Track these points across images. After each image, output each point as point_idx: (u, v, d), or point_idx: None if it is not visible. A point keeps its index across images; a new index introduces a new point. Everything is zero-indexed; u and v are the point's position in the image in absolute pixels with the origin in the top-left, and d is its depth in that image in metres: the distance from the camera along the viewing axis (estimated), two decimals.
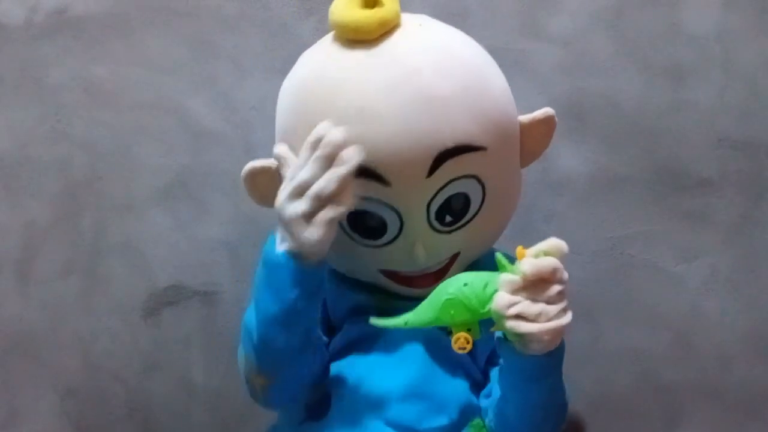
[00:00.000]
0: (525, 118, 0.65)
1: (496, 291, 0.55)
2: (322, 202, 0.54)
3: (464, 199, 0.62)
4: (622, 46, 0.86)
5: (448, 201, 0.61)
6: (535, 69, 0.86)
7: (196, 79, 0.89)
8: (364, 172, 0.57)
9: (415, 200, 0.60)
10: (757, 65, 0.85)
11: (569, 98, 0.86)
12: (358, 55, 0.59)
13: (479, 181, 0.61)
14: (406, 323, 0.57)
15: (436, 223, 0.62)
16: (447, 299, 0.55)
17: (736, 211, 0.86)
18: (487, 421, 0.66)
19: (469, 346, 0.56)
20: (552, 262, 0.54)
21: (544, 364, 0.58)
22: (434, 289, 0.58)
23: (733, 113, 0.86)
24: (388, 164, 0.57)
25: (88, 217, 0.90)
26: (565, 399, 0.66)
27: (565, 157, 0.86)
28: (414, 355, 0.66)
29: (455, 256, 0.65)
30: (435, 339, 0.66)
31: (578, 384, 0.88)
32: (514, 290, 0.53)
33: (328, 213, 0.54)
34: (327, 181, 0.54)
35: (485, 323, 0.56)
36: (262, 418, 0.74)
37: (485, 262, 0.72)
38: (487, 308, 0.55)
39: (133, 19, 0.89)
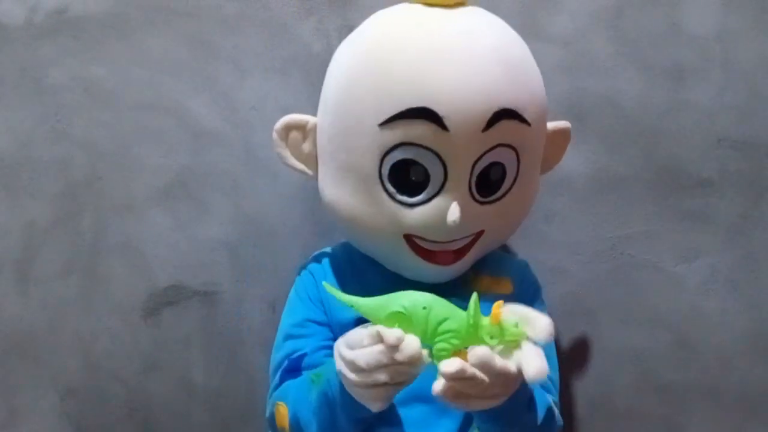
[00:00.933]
0: (550, 124, 0.70)
1: (449, 331, 0.53)
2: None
3: (501, 172, 0.64)
4: (622, 46, 0.86)
5: (488, 169, 0.63)
6: None
7: (196, 79, 0.89)
8: (426, 113, 0.59)
9: (465, 153, 0.61)
10: (757, 65, 0.85)
11: (569, 98, 0.86)
12: (437, 13, 0.64)
13: (518, 156, 0.64)
14: (352, 305, 0.57)
15: (474, 190, 0.63)
16: (398, 311, 0.54)
17: (736, 211, 0.86)
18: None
19: None
20: (470, 371, 0.51)
21: (493, 415, 0.57)
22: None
23: (733, 113, 0.86)
24: (452, 109, 0.59)
25: (88, 217, 0.90)
26: (541, 424, 0.64)
27: (565, 157, 0.86)
28: None
29: (479, 234, 0.66)
30: None
31: (578, 384, 0.88)
32: (454, 378, 0.52)
33: (389, 391, 0.55)
34: (396, 373, 0.53)
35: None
36: (262, 418, 0.74)
37: (491, 261, 0.73)
38: (432, 341, 0.53)
39: (133, 19, 0.89)
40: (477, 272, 0.72)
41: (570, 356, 0.88)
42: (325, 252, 0.76)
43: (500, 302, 0.54)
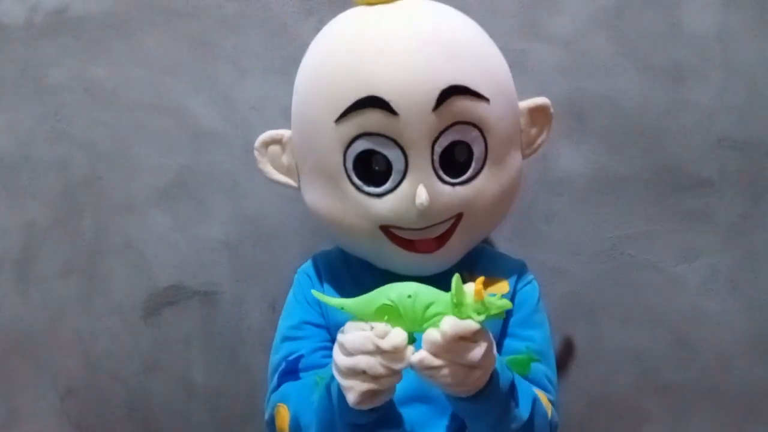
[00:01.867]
0: (523, 103, 0.70)
1: (437, 314, 0.54)
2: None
3: (467, 152, 0.64)
4: (622, 46, 0.86)
5: (452, 148, 0.63)
6: (535, 69, 0.86)
7: (196, 79, 0.89)
8: (373, 101, 0.61)
9: (420, 134, 0.62)
10: (757, 65, 0.85)
11: (569, 98, 0.86)
12: (377, 10, 0.66)
13: (482, 133, 0.64)
14: (342, 307, 0.58)
15: (440, 171, 0.63)
16: (385, 305, 0.55)
17: (736, 211, 0.86)
18: None
19: None
20: (473, 326, 0.53)
21: (474, 407, 0.58)
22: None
23: (733, 113, 0.86)
24: (396, 94, 0.61)
25: (88, 217, 0.90)
26: (526, 422, 0.64)
27: (565, 157, 0.87)
28: None
29: (458, 218, 0.66)
30: None
31: (578, 384, 0.88)
32: (435, 350, 0.53)
33: (367, 383, 0.55)
34: (377, 365, 0.54)
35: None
36: (262, 419, 0.74)
37: (487, 262, 0.73)
38: (422, 327, 0.54)
39: (133, 19, 0.89)
40: (472, 273, 0.71)
41: (570, 356, 0.88)
42: (322, 253, 0.76)
43: (481, 278, 0.54)
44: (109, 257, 0.90)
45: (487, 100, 0.64)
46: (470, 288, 0.54)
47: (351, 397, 0.55)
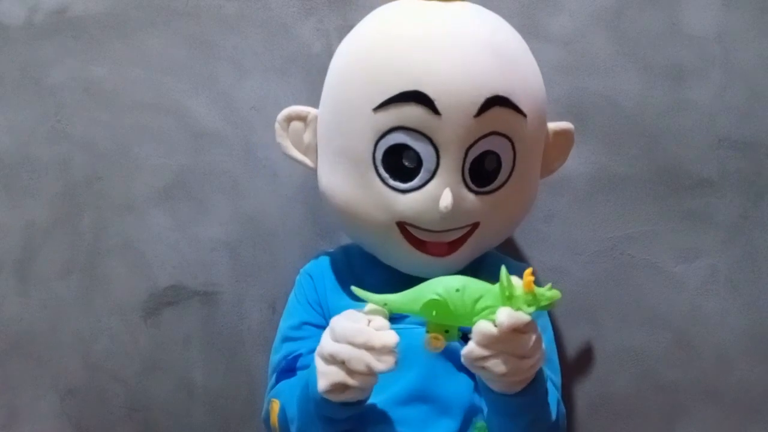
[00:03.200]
0: (550, 124, 0.70)
1: (487, 308, 0.53)
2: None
3: (497, 162, 0.64)
4: (622, 46, 0.86)
5: (483, 157, 0.63)
6: None
7: (196, 79, 0.89)
8: (418, 97, 0.60)
9: (457, 138, 0.62)
10: (757, 65, 0.85)
11: (569, 98, 0.86)
12: (433, 6, 0.66)
13: (513, 147, 0.64)
14: (385, 304, 0.57)
15: (467, 178, 0.63)
16: (433, 299, 0.54)
17: (736, 211, 0.86)
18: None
19: (441, 348, 0.56)
20: (526, 318, 0.54)
21: (519, 402, 0.58)
22: (428, 279, 0.58)
23: (733, 113, 0.86)
24: (443, 93, 0.61)
25: (88, 217, 0.90)
26: (553, 424, 0.65)
27: None
28: (417, 358, 0.65)
29: (474, 226, 0.66)
30: None
31: (578, 384, 0.88)
32: (488, 342, 0.53)
33: (341, 374, 0.55)
34: (356, 358, 0.54)
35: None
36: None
37: (491, 264, 0.73)
38: (472, 321, 0.54)
39: (132, 19, 0.89)
40: (477, 276, 0.71)
41: (570, 356, 0.88)
42: (324, 254, 0.76)
43: (530, 269, 0.54)
44: (109, 257, 0.90)
45: (524, 115, 0.64)
46: (518, 281, 0.54)
47: (321, 384, 0.55)
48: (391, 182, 0.63)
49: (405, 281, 0.69)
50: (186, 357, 0.90)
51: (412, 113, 0.61)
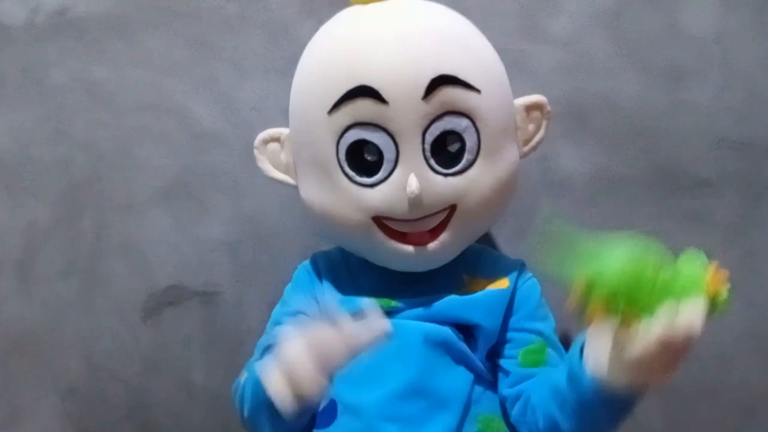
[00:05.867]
0: (519, 100, 0.70)
1: (675, 295, 0.46)
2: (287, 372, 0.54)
3: (459, 142, 0.64)
4: (622, 47, 0.86)
5: (443, 138, 0.64)
6: (535, 70, 0.86)
7: (197, 79, 0.89)
8: (363, 91, 0.62)
9: (410, 122, 0.62)
10: (756, 66, 0.85)
11: (569, 98, 0.86)
12: (372, 9, 0.67)
13: (474, 124, 0.64)
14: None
15: (432, 161, 0.64)
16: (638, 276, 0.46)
17: (736, 211, 0.86)
18: (514, 414, 0.67)
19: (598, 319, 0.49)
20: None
21: (634, 403, 0.57)
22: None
23: (733, 114, 0.86)
24: (386, 82, 0.62)
25: (89, 218, 0.91)
26: None
27: (565, 157, 0.87)
28: (414, 352, 0.66)
29: (452, 210, 0.66)
30: (435, 334, 0.66)
31: None
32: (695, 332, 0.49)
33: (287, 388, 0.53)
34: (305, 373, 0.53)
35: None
36: None
37: (486, 262, 0.73)
38: (654, 305, 0.46)
39: (133, 20, 0.89)
40: (473, 274, 0.72)
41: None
42: (322, 253, 0.77)
43: (716, 265, 0.48)
44: (110, 257, 0.90)
45: (477, 91, 0.64)
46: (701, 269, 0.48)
47: (268, 386, 0.54)
48: (358, 179, 0.65)
49: (400, 280, 0.69)
50: (186, 357, 0.90)
51: (362, 108, 0.62)
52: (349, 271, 0.73)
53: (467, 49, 0.66)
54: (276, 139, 0.72)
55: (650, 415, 0.88)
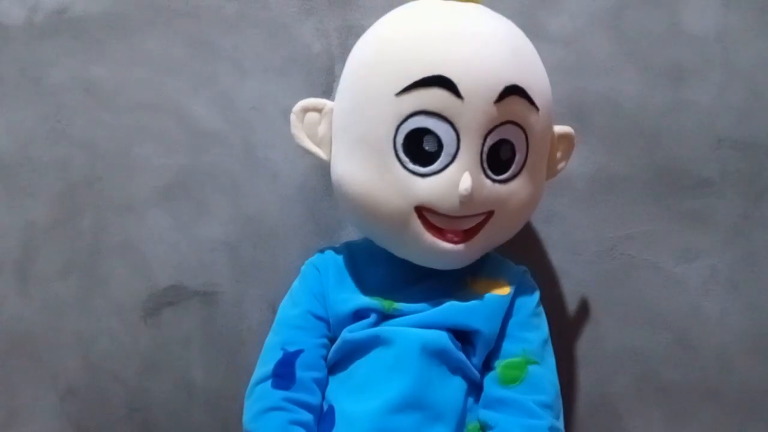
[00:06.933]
0: (555, 127, 0.73)
1: None
2: None
3: (511, 152, 0.66)
4: (622, 46, 0.86)
5: (498, 144, 0.65)
6: None
7: (196, 79, 0.89)
8: (441, 81, 0.62)
9: (477, 123, 0.63)
10: (757, 65, 0.85)
11: (569, 98, 0.86)
12: (451, 4, 0.68)
13: (527, 138, 0.67)
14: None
15: (485, 164, 0.65)
16: None
17: (736, 211, 0.86)
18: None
19: None
20: None
21: None
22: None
23: (733, 113, 0.86)
24: (466, 78, 0.63)
25: (88, 217, 0.90)
26: None
27: None
28: (410, 363, 0.66)
29: (489, 215, 0.67)
30: (433, 343, 0.66)
31: (578, 384, 0.88)
32: None
33: None
34: None
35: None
36: None
37: (489, 264, 0.73)
38: None
39: (133, 20, 0.89)
40: (474, 275, 0.72)
41: (570, 356, 0.88)
42: (328, 248, 0.77)
43: None
44: (109, 257, 0.90)
45: (537, 108, 0.66)
46: None
47: None
48: (411, 166, 0.64)
49: (406, 278, 0.70)
50: (186, 357, 0.90)
51: (435, 97, 0.63)
52: (354, 270, 0.73)
53: (534, 66, 0.69)
54: (318, 110, 0.71)
55: (650, 415, 0.88)
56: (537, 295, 0.73)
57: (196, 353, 0.90)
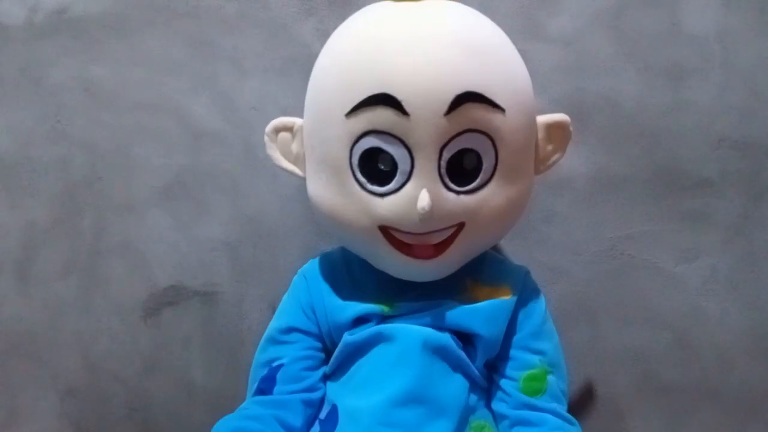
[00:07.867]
0: (542, 117, 0.68)
1: None
2: None
3: (476, 161, 0.63)
4: (622, 46, 0.86)
5: (460, 155, 0.62)
6: (535, 69, 0.85)
7: (196, 79, 0.89)
8: (385, 99, 0.60)
9: (429, 137, 0.60)
10: (757, 65, 0.85)
11: (569, 98, 0.86)
12: (402, 7, 0.65)
13: (494, 144, 0.62)
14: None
15: (446, 178, 0.62)
16: None
17: (736, 211, 0.86)
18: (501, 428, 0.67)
19: None
20: None
21: None
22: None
23: (733, 113, 0.86)
24: (410, 93, 0.60)
25: (88, 217, 0.90)
26: None
27: (565, 156, 0.86)
28: (412, 358, 0.65)
29: (460, 227, 0.64)
30: (435, 340, 0.66)
31: (578, 384, 0.88)
32: None
33: None
34: None
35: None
36: None
37: (489, 267, 0.72)
38: None
39: (133, 20, 0.89)
40: (475, 279, 0.71)
41: (570, 356, 0.88)
42: (323, 254, 0.76)
43: None
44: (109, 257, 0.90)
45: (502, 110, 0.62)
46: None
47: None
48: (369, 187, 0.63)
49: (402, 284, 0.69)
50: (186, 357, 0.90)
51: (381, 116, 0.60)
52: (350, 275, 0.72)
53: (497, 63, 0.63)
54: (288, 129, 0.70)
55: (650, 416, 0.88)
56: (544, 300, 0.72)
57: (196, 353, 0.90)
